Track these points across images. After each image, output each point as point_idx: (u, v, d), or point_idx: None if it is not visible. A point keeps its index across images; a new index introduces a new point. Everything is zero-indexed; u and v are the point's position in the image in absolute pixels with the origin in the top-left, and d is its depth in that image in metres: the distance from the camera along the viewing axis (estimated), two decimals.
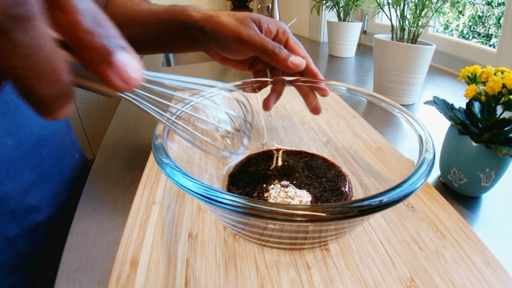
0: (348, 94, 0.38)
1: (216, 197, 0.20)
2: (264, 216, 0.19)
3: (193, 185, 0.21)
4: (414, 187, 0.21)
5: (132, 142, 0.50)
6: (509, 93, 0.33)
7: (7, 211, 0.36)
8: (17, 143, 0.37)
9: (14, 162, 0.37)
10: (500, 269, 0.26)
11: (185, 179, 0.22)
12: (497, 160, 0.34)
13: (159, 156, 0.24)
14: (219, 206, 0.20)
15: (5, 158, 0.35)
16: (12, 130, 0.36)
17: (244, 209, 0.19)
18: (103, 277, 0.27)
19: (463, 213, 0.35)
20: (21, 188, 0.38)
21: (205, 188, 0.21)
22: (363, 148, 0.38)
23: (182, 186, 0.21)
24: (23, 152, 0.38)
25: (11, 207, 0.37)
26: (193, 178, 0.22)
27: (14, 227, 0.37)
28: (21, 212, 0.38)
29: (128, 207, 0.34)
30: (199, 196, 0.20)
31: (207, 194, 0.20)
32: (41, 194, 0.40)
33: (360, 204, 0.19)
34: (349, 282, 0.25)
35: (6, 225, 0.36)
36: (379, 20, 1.25)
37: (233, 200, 0.20)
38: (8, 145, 0.36)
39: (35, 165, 0.40)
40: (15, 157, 0.37)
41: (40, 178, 0.40)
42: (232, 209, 0.20)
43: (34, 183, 0.39)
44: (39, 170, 0.40)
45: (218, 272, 0.26)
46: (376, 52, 0.67)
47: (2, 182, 0.35)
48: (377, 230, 0.30)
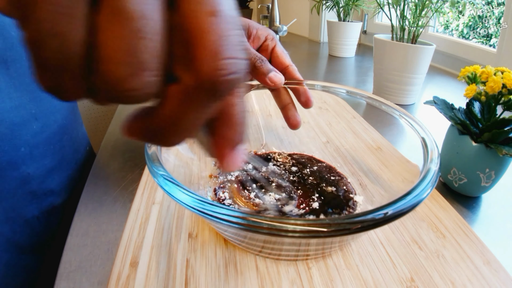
0: (348, 97, 0.38)
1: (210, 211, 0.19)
2: (262, 232, 0.18)
3: (187, 198, 0.20)
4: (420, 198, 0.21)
5: (132, 142, 0.50)
6: (509, 93, 0.33)
7: (28, 193, 0.39)
8: (41, 128, 0.39)
9: (38, 145, 0.39)
10: (500, 269, 0.26)
11: (179, 191, 0.21)
12: (497, 160, 0.34)
13: (152, 166, 0.23)
14: (214, 220, 0.19)
15: (30, 141, 0.38)
16: (38, 115, 0.39)
17: (241, 225, 0.18)
18: (103, 277, 0.27)
19: (463, 213, 0.35)
20: (42, 171, 0.40)
21: (199, 202, 0.20)
22: (363, 148, 0.38)
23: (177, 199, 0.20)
24: (46, 137, 0.40)
25: (32, 188, 0.39)
26: (187, 189, 0.21)
27: (32, 208, 0.39)
28: (40, 194, 0.40)
29: (128, 207, 0.34)
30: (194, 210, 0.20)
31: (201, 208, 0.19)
32: (60, 179, 0.43)
33: (363, 218, 0.19)
34: (349, 282, 0.25)
35: (25, 206, 0.38)
36: (379, 20, 1.25)
37: (228, 214, 0.19)
38: (34, 129, 0.38)
39: (57, 150, 0.42)
40: (39, 141, 0.39)
41: (59, 163, 0.43)
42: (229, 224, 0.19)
43: (54, 168, 0.42)
44: (60, 156, 0.43)
45: (218, 272, 0.26)
46: (376, 52, 0.67)
47: (26, 163, 0.38)
48: (377, 230, 0.30)
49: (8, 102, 0.35)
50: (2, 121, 0.35)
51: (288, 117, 0.37)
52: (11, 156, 0.36)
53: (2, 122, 0.35)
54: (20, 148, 0.37)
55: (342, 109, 0.42)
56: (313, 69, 0.98)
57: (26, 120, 0.37)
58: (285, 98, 0.37)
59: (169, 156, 0.28)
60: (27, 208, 0.39)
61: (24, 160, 0.37)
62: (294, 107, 0.37)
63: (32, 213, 0.39)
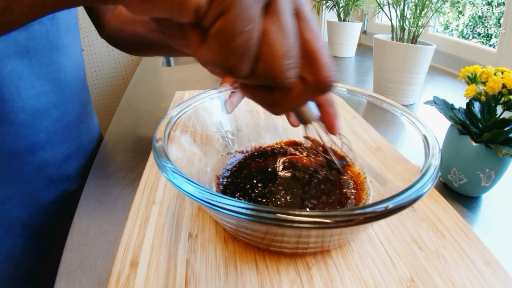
0: (348, 95, 0.38)
1: (217, 202, 0.20)
2: (267, 223, 0.19)
3: (194, 190, 0.21)
4: (421, 193, 0.21)
5: (132, 142, 0.50)
6: (509, 93, 0.33)
7: (44, 177, 0.41)
8: (61, 116, 0.42)
9: (56, 132, 0.41)
10: (500, 269, 0.26)
11: (186, 183, 0.21)
12: (497, 160, 0.34)
13: (160, 159, 0.24)
14: (220, 211, 0.20)
15: (50, 127, 0.40)
16: (58, 103, 0.41)
17: (246, 215, 0.19)
18: (103, 277, 0.27)
19: (463, 213, 0.35)
20: (60, 157, 0.42)
21: (207, 193, 0.20)
22: (364, 149, 0.38)
23: (184, 191, 0.21)
24: (65, 124, 0.43)
25: (48, 174, 0.41)
26: (194, 182, 0.21)
27: (48, 193, 0.42)
28: (57, 179, 0.43)
29: (128, 207, 0.34)
30: (201, 201, 0.20)
31: (208, 199, 0.20)
32: (75, 166, 0.46)
33: (365, 210, 0.19)
34: (349, 282, 0.25)
35: (41, 190, 0.41)
36: (379, 20, 1.25)
37: (235, 205, 0.19)
38: (53, 117, 0.41)
39: (74, 137, 0.45)
40: (58, 128, 0.41)
41: (76, 150, 0.46)
42: (235, 215, 0.19)
43: (71, 154, 0.45)
44: (77, 143, 0.46)
45: (218, 273, 0.26)
46: (376, 52, 0.67)
47: (44, 149, 0.40)
48: (377, 230, 0.30)
49: (30, 89, 0.37)
50: (24, 107, 0.37)
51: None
52: (31, 142, 0.38)
53: (24, 109, 0.37)
54: (40, 134, 0.39)
55: (342, 109, 0.42)
56: None
57: (47, 107, 0.39)
58: None
59: (175, 151, 0.29)
60: (43, 192, 0.41)
61: (42, 146, 0.39)
62: None
63: (48, 197, 0.42)
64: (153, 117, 0.60)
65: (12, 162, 0.37)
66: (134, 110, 0.64)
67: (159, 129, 0.28)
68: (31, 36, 0.37)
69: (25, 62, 0.36)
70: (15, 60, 0.35)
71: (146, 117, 0.60)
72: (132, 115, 0.61)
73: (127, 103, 0.68)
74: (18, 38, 0.35)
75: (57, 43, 0.40)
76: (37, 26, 0.37)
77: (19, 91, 0.36)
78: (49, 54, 0.39)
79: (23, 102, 0.36)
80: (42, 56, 0.38)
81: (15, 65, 0.35)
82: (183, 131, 0.32)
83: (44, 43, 0.38)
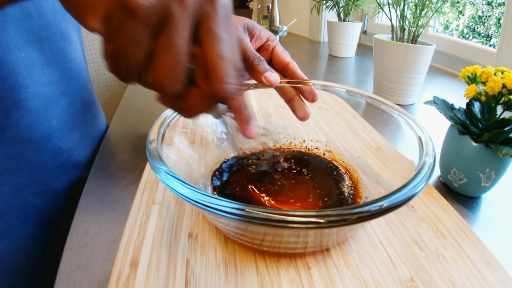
0: (347, 96, 0.38)
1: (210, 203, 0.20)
2: (260, 223, 0.19)
3: (188, 191, 0.21)
4: (415, 191, 0.21)
5: (132, 142, 0.50)
6: (509, 93, 0.33)
7: (59, 165, 0.42)
8: (68, 104, 0.43)
9: (67, 120, 0.43)
10: (500, 269, 0.26)
11: (180, 185, 0.21)
12: (497, 160, 0.34)
13: (153, 161, 0.24)
14: (214, 212, 0.20)
15: (60, 115, 0.41)
16: (66, 92, 0.42)
17: (239, 216, 0.19)
18: (103, 277, 0.27)
19: (463, 213, 0.35)
20: (71, 144, 0.44)
21: (200, 194, 0.20)
22: (363, 148, 0.38)
23: (178, 193, 0.21)
24: (73, 113, 0.44)
25: (62, 161, 0.42)
26: (188, 183, 0.21)
27: (62, 180, 0.43)
28: (70, 166, 0.44)
29: (128, 207, 0.34)
30: (195, 203, 0.20)
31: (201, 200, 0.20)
32: (86, 153, 0.47)
33: (359, 209, 0.19)
34: (349, 282, 0.25)
35: (56, 178, 0.42)
36: (379, 20, 1.25)
37: (228, 206, 0.19)
38: (62, 105, 0.42)
39: (82, 126, 0.46)
40: (67, 116, 0.43)
41: (86, 138, 0.47)
42: (228, 216, 0.19)
43: (81, 142, 0.46)
44: (85, 131, 0.47)
45: (218, 273, 0.26)
46: (376, 52, 0.67)
47: (58, 136, 0.41)
48: (377, 230, 0.30)
49: (41, 77, 0.38)
50: (36, 94, 0.37)
51: (295, 109, 0.36)
52: (45, 129, 0.39)
53: (37, 96, 0.38)
54: (52, 122, 0.40)
55: (342, 109, 0.42)
56: (313, 69, 0.98)
57: (57, 95, 0.41)
58: (289, 91, 0.36)
59: (169, 153, 0.28)
60: (57, 180, 0.42)
61: (56, 133, 0.41)
62: (300, 99, 0.36)
63: (62, 185, 0.43)
64: (153, 117, 0.59)
65: (28, 150, 0.38)
66: (134, 110, 0.64)
67: (152, 130, 0.28)
68: (44, 26, 0.38)
69: (37, 50, 0.37)
70: (28, 48, 0.36)
71: (146, 117, 0.60)
72: (132, 115, 0.61)
73: (127, 103, 0.68)
74: (32, 27, 0.36)
75: (67, 34, 0.42)
76: (50, 16, 0.39)
77: (32, 78, 0.37)
78: (60, 44, 0.41)
79: (36, 89, 0.37)
80: (54, 46, 0.40)
81: (28, 52, 0.36)
82: (178, 132, 0.32)
83: (56, 33, 0.40)
